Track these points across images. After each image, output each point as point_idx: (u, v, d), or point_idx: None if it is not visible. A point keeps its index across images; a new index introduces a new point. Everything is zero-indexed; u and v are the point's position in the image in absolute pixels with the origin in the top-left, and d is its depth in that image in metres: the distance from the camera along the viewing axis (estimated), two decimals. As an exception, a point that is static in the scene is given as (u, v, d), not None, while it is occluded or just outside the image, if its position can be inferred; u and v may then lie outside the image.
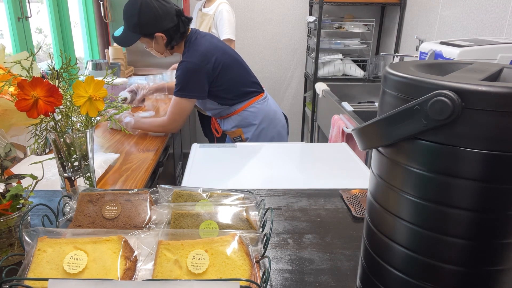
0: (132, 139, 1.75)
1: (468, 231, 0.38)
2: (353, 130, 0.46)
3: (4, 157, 0.70)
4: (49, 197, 0.94)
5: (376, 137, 0.43)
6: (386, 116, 0.40)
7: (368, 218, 0.48)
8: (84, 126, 0.82)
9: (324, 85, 2.76)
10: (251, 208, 0.76)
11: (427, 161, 0.38)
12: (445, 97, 0.35)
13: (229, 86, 1.84)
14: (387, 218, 0.43)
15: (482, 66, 0.46)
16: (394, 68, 0.42)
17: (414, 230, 0.40)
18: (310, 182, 1.23)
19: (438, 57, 1.55)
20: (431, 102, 0.36)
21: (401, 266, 0.43)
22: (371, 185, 0.47)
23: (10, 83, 0.74)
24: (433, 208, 0.39)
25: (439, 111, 0.35)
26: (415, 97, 0.37)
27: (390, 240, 0.43)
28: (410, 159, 0.39)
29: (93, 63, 2.52)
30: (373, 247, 0.47)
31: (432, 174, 0.38)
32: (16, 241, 0.68)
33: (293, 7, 3.43)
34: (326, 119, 2.57)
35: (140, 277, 0.61)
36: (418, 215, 0.40)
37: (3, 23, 1.89)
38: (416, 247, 0.41)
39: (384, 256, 0.45)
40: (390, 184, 0.42)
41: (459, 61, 0.50)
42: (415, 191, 0.40)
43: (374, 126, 0.42)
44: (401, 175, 0.41)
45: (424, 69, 0.45)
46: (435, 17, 2.54)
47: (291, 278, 0.66)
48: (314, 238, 0.78)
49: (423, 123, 0.37)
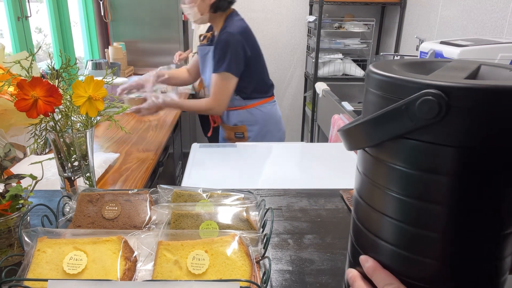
0: (132, 139, 1.75)
1: (451, 227, 0.38)
2: (338, 131, 0.46)
3: (3, 157, 0.70)
4: (49, 197, 0.94)
5: (363, 138, 0.43)
6: (372, 117, 0.40)
7: (354, 215, 0.49)
8: (84, 126, 0.82)
9: (324, 84, 2.76)
10: (251, 208, 0.76)
11: (411, 159, 0.39)
12: (432, 96, 0.35)
13: (252, 78, 1.79)
14: (372, 215, 0.44)
15: (461, 64, 0.46)
16: (377, 67, 0.42)
17: (398, 226, 0.41)
18: (310, 182, 1.23)
19: (438, 57, 1.55)
20: (419, 102, 0.36)
21: (386, 262, 0.44)
22: (356, 183, 0.48)
23: (9, 83, 0.74)
24: (417, 205, 0.39)
25: (426, 110, 0.35)
26: (400, 96, 0.37)
27: (375, 236, 0.44)
28: (395, 157, 0.40)
29: (93, 62, 2.52)
30: (359, 244, 0.48)
31: (417, 171, 0.38)
32: (16, 242, 0.68)
33: (293, 7, 3.43)
34: (326, 119, 2.57)
35: (140, 277, 0.61)
36: (402, 211, 0.40)
37: (3, 23, 1.89)
38: (401, 242, 0.42)
39: (370, 252, 0.46)
40: (374, 181, 0.43)
41: (439, 59, 0.50)
42: (399, 189, 0.40)
43: (361, 127, 0.42)
44: (385, 173, 0.41)
45: (407, 68, 0.46)
46: (435, 16, 2.54)
47: (291, 279, 0.66)
48: (315, 238, 0.78)
49: (410, 123, 0.37)
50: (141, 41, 3.13)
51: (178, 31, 3.10)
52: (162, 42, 3.13)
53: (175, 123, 2.07)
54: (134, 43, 3.13)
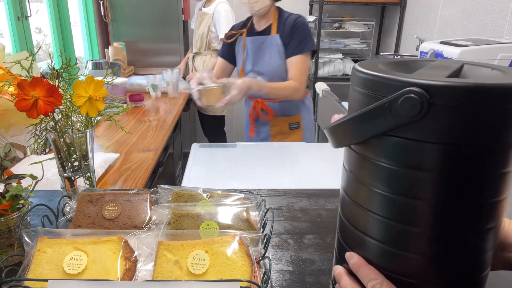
0: (132, 139, 1.75)
1: (434, 223, 0.39)
2: (324, 128, 0.47)
3: (4, 157, 0.70)
4: (49, 197, 0.94)
5: (347, 136, 0.44)
6: (356, 114, 0.41)
7: (340, 211, 0.50)
8: (84, 126, 0.82)
9: (324, 84, 2.76)
10: (251, 209, 0.76)
11: (395, 156, 0.39)
12: (414, 94, 0.36)
13: None
14: (358, 211, 0.45)
15: (445, 63, 0.47)
16: (363, 66, 0.43)
17: (384, 222, 0.42)
18: (310, 182, 1.23)
19: (438, 57, 1.55)
20: (401, 100, 0.36)
21: (372, 258, 0.44)
22: (343, 180, 0.48)
23: (9, 83, 0.74)
24: (402, 201, 0.40)
25: (409, 108, 0.36)
26: (384, 94, 0.38)
27: (361, 232, 0.45)
28: (379, 154, 0.40)
29: (93, 62, 2.51)
30: (345, 240, 0.48)
31: (401, 168, 0.39)
32: (16, 242, 0.68)
33: (293, 7, 3.43)
34: (326, 119, 2.57)
35: (140, 277, 0.61)
36: (387, 208, 0.41)
37: (3, 23, 1.89)
38: (386, 239, 0.42)
39: (355, 249, 0.46)
40: (360, 178, 0.43)
41: (423, 59, 0.51)
42: (383, 185, 0.41)
43: (345, 125, 0.43)
44: (370, 169, 0.42)
45: (392, 67, 0.47)
46: (435, 16, 2.54)
47: (292, 279, 0.66)
48: (315, 238, 0.77)
49: (393, 121, 0.37)
50: (141, 41, 3.13)
51: (178, 31, 3.10)
52: (162, 42, 3.13)
53: (175, 123, 2.07)
54: (134, 43, 3.12)
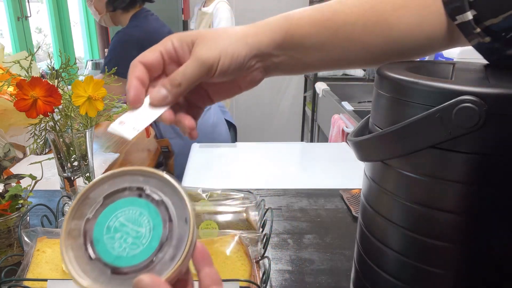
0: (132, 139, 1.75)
1: (459, 236, 0.37)
2: (349, 140, 0.43)
3: (3, 157, 0.70)
4: (49, 197, 0.94)
5: (384, 150, 0.40)
6: (398, 127, 0.37)
7: (361, 221, 0.47)
8: (83, 126, 0.82)
9: (324, 84, 2.76)
10: (251, 208, 0.76)
11: (438, 169, 0.36)
12: (471, 103, 0.33)
13: None
14: (379, 222, 0.42)
15: (468, 66, 0.45)
16: (388, 70, 0.40)
17: (406, 234, 0.40)
18: (310, 182, 1.23)
19: (438, 57, 1.55)
20: (456, 110, 0.33)
21: (393, 271, 0.42)
22: (364, 188, 0.46)
23: (9, 83, 0.74)
24: (426, 213, 0.38)
25: (464, 118, 0.33)
26: (429, 103, 0.35)
27: (382, 244, 0.42)
28: (416, 166, 0.38)
29: (93, 62, 2.52)
30: (366, 252, 0.46)
31: (425, 178, 0.37)
32: (15, 242, 0.68)
33: (293, 7, 3.39)
34: (326, 119, 2.57)
35: (140, 277, 0.61)
36: (410, 219, 0.39)
37: (3, 23, 1.89)
38: (409, 252, 0.40)
39: (377, 261, 0.44)
40: (382, 187, 0.41)
41: (440, 61, 0.48)
42: (407, 195, 0.39)
43: (384, 139, 0.39)
44: (394, 179, 0.40)
45: (415, 71, 0.43)
46: (435, 16, 2.53)
47: (291, 279, 0.66)
48: (314, 238, 0.77)
49: (445, 133, 0.34)
50: (141, 41, 3.13)
51: (178, 31, 3.07)
52: (162, 42, 3.13)
53: (175, 123, 2.07)
54: (134, 43, 3.12)
